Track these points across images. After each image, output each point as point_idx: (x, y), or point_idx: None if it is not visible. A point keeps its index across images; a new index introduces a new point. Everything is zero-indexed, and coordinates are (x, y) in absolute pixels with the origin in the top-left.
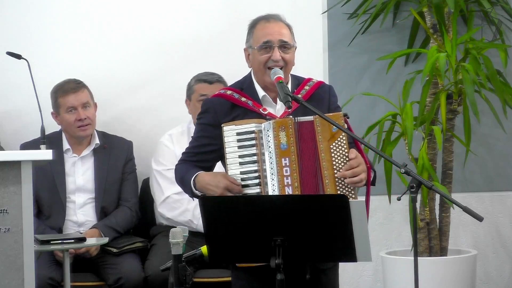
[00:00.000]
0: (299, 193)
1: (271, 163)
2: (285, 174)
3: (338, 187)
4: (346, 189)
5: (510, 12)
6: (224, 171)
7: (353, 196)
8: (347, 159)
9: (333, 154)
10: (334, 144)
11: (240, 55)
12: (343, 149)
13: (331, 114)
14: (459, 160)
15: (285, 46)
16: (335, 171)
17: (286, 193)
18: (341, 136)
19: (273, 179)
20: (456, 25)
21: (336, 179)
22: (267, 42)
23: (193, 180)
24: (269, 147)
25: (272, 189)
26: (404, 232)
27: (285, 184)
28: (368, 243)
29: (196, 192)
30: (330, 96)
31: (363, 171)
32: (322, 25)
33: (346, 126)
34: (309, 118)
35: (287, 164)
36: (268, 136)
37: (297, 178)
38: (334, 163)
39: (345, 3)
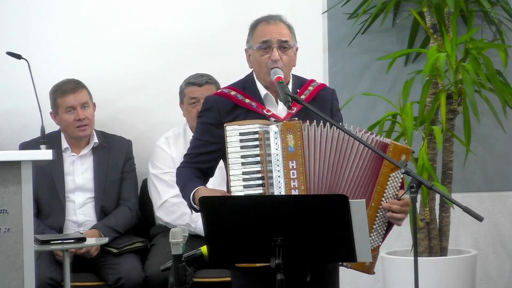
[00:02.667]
0: None
1: (278, 165)
2: (292, 176)
3: (378, 213)
4: (383, 219)
5: (510, 12)
6: (226, 171)
7: (385, 228)
8: (396, 194)
9: (388, 183)
10: (394, 174)
11: (240, 55)
12: (397, 182)
13: (405, 146)
14: (459, 160)
15: (284, 46)
16: (382, 199)
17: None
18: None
19: (279, 182)
20: (456, 25)
21: (380, 206)
22: (266, 42)
23: (193, 194)
24: (276, 149)
25: (279, 191)
26: (404, 232)
27: (292, 186)
28: (368, 243)
29: (195, 206)
30: (333, 100)
31: (407, 212)
32: (322, 25)
33: (406, 163)
34: (387, 140)
35: (294, 167)
36: (276, 138)
37: (304, 181)
38: (385, 191)
39: (345, 3)
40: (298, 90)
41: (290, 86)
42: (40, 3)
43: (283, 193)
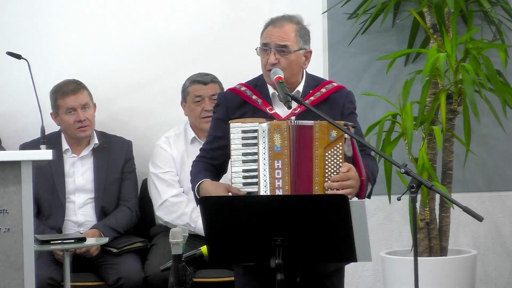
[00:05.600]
0: None
1: (264, 164)
2: (276, 176)
3: None
4: None
5: (510, 12)
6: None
7: None
8: (339, 170)
9: (327, 162)
10: (330, 152)
11: (240, 55)
12: (338, 159)
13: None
14: (459, 160)
15: (282, 50)
16: (326, 179)
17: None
18: (338, 146)
19: (265, 181)
20: (456, 25)
21: (325, 188)
22: (265, 45)
23: (197, 186)
24: (264, 148)
25: (264, 191)
26: (404, 232)
27: (276, 186)
28: (368, 243)
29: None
30: (346, 102)
31: (351, 186)
32: (322, 25)
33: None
34: (310, 122)
35: (279, 167)
36: (264, 137)
37: (288, 181)
38: (326, 171)
39: (345, 3)
40: (310, 91)
41: (301, 86)
42: (40, 3)
43: (268, 192)
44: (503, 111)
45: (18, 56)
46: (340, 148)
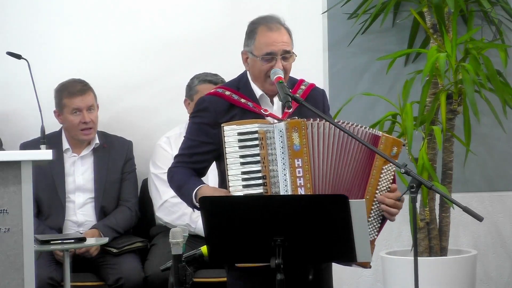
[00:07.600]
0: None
1: (284, 163)
2: (298, 175)
3: (372, 206)
4: (378, 211)
5: (510, 12)
6: (217, 172)
7: (380, 221)
8: (389, 187)
9: (381, 175)
10: (386, 167)
11: (239, 55)
12: (391, 175)
13: (396, 138)
14: (459, 160)
15: (286, 56)
16: (377, 191)
17: (299, 194)
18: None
19: (285, 180)
20: (456, 25)
21: (374, 199)
22: (270, 54)
23: (195, 192)
24: (282, 147)
25: (285, 190)
26: (404, 232)
27: (298, 185)
28: (368, 243)
29: (197, 204)
30: (324, 100)
31: (399, 208)
32: (322, 25)
33: (398, 155)
34: (378, 132)
35: (300, 165)
36: (281, 136)
37: (310, 179)
38: (379, 183)
39: (345, 3)
40: (290, 90)
41: None
42: (40, 3)
43: (289, 191)
44: (503, 111)
45: (18, 56)
46: (394, 167)
